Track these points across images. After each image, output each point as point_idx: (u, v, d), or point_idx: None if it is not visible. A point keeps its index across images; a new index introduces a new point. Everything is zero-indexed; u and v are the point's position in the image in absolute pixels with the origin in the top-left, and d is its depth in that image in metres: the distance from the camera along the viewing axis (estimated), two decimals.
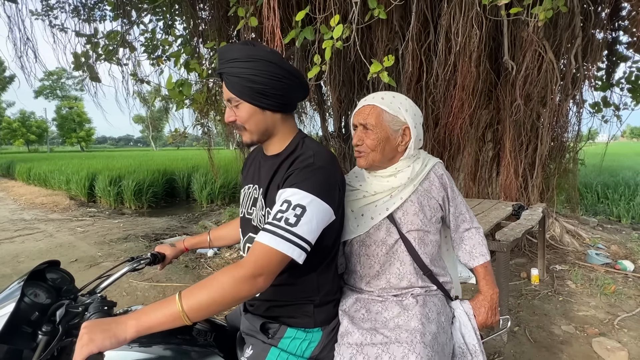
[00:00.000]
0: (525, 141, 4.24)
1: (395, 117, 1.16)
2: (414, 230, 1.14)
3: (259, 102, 0.95)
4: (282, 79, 0.94)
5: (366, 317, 1.08)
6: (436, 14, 3.86)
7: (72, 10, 4.92)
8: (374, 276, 1.16)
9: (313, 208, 0.86)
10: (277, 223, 0.84)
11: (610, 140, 4.74)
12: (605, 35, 4.38)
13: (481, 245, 1.25)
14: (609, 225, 5.65)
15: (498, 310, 1.24)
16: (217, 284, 0.79)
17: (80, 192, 9.55)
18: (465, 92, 3.75)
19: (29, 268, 1.04)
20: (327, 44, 2.51)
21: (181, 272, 3.84)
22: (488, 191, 4.52)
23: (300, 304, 1.02)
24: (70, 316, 0.93)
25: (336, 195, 0.94)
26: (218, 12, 4.87)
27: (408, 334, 0.99)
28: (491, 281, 1.24)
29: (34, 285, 0.96)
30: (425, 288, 1.16)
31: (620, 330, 2.64)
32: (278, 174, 0.98)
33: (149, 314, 0.78)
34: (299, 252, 0.83)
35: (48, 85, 46.58)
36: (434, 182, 1.20)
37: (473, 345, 1.14)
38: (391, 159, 1.19)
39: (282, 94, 0.96)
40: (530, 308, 2.99)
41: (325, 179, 0.91)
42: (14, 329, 0.88)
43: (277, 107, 0.98)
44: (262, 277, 0.81)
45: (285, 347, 0.99)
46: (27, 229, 6.00)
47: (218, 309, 0.79)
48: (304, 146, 0.99)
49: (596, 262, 3.86)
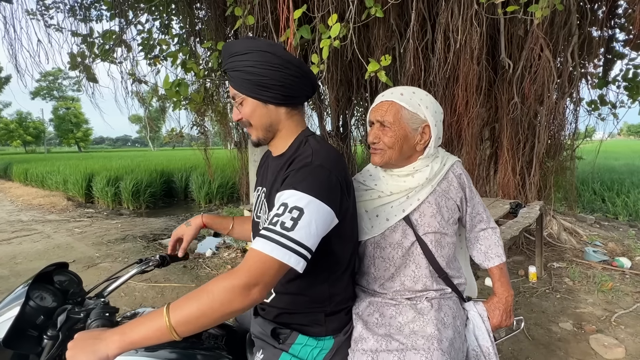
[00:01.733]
0: (523, 139, 4.24)
1: (415, 114, 1.09)
2: (430, 232, 1.10)
3: (259, 94, 0.91)
4: (281, 69, 0.90)
5: (380, 321, 1.05)
6: (434, 12, 3.86)
7: (68, 10, 4.89)
8: (389, 279, 1.12)
9: (311, 210, 0.79)
10: (273, 227, 0.77)
11: (607, 138, 4.76)
12: (601, 33, 4.39)
13: (497, 246, 1.22)
14: (606, 222, 5.68)
15: (512, 313, 1.21)
16: (206, 296, 0.72)
17: (77, 192, 9.52)
18: (469, 90, 3.76)
19: (27, 270, 1.04)
20: (324, 42, 2.50)
21: (179, 273, 3.84)
22: (486, 189, 4.53)
23: (311, 313, 0.98)
24: (71, 322, 0.91)
25: (338, 197, 0.87)
26: (215, 11, 4.86)
27: (425, 341, 0.96)
28: (506, 283, 1.21)
29: (40, 288, 0.94)
30: (440, 291, 1.12)
31: (618, 327, 2.65)
32: (279, 175, 0.93)
33: (134, 329, 0.73)
34: (296, 259, 0.76)
35: (45, 86, 46.41)
36: (452, 183, 1.15)
37: (487, 348, 1.12)
38: (408, 157, 1.13)
39: (283, 85, 0.91)
40: (528, 306, 3.00)
41: (325, 179, 0.84)
42: (19, 333, 0.86)
43: (279, 100, 0.93)
44: (256, 288, 0.74)
45: (297, 353, 0.96)
46: (24, 230, 5.97)
47: (208, 322, 0.73)
48: (306, 145, 0.94)
49: (593, 260, 3.87)
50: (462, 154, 4.47)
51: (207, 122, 5.26)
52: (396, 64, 4.18)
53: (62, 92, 48.79)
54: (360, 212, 1.14)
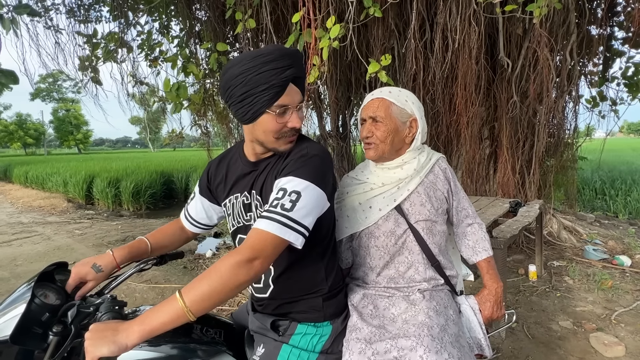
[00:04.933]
0: (522, 138, 4.25)
1: (403, 109, 1.20)
2: (422, 220, 1.18)
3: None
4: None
5: (374, 313, 1.10)
6: (432, 11, 3.87)
7: (67, 12, 4.90)
8: (384, 267, 1.18)
9: (308, 193, 0.87)
10: (274, 209, 0.85)
11: (608, 135, 4.76)
12: (600, 31, 4.40)
13: (484, 241, 1.27)
14: (606, 220, 5.68)
15: (503, 305, 1.25)
16: (215, 273, 0.78)
17: (78, 194, 9.53)
18: (468, 89, 3.76)
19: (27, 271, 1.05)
20: (324, 43, 2.51)
21: (180, 273, 3.84)
22: (485, 188, 4.54)
23: (310, 298, 1.03)
24: (81, 316, 0.94)
25: (330, 181, 0.96)
26: (214, 12, 4.86)
27: (415, 328, 1.00)
28: (495, 275, 1.26)
29: (43, 286, 0.97)
30: (432, 282, 1.17)
31: (618, 325, 2.65)
32: (272, 173, 0.99)
33: (152, 317, 0.77)
34: (295, 235, 0.84)
35: (44, 88, 46.41)
36: (438, 175, 1.24)
37: (479, 340, 1.16)
38: (399, 150, 1.22)
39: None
40: (528, 304, 3.00)
41: (320, 165, 0.93)
42: (25, 330, 0.89)
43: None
44: (258, 261, 0.81)
45: (297, 343, 1.00)
46: (24, 232, 5.98)
47: (220, 298, 0.78)
48: (298, 140, 1.02)
49: (593, 258, 3.88)
50: (462, 153, 4.47)
51: (208, 123, 5.26)
52: (395, 64, 4.18)
53: (62, 93, 48.81)
54: (354, 205, 1.22)
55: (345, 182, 1.33)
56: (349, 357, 0.98)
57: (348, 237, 1.26)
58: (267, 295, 1.03)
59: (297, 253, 0.93)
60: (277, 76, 0.90)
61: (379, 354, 0.96)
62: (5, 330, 0.91)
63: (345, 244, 1.29)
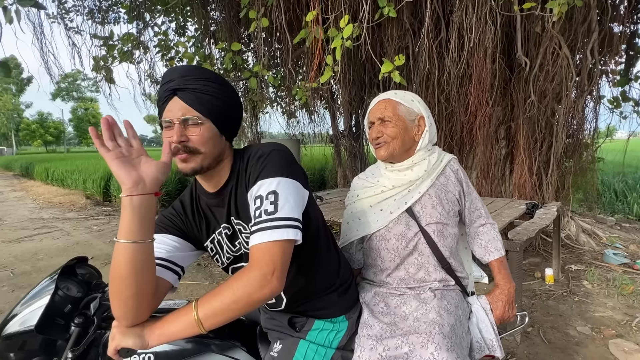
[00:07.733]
0: (540, 138, 4.15)
1: (410, 108, 1.21)
2: (433, 223, 1.17)
3: (222, 124, 0.92)
4: (239, 107, 0.97)
5: (385, 310, 1.11)
6: (448, 10, 3.82)
7: (87, 14, 5.03)
8: (395, 268, 1.19)
9: (283, 188, 0.85)
10: (260, 219, 0.82)
11: (630, 136, 4.61)
12: (623, 29, 4.26)
13: (496, 241, 1.27)
14: (627, 224, 5.50)
15: (515, 305, 1.24)
16: (229, 291, 0.78)
17: (96, 191, 9.75)
18: (482, 89, 3.70)
19: (48, 266, 1.09)
20: (336, 43, 2.51)
21: (194, 270, 3.90)
22: (501, 189, 4.46)
23: (324, 295, 1.03)
24: (104, 308, 0.98)
25: (299, 170, 0.92)
26: (229, 12, 4.92)
27: (427, 326, 1.00)
28: (507, 275, 1.25)
29: (66, 279, 1.01)
30: (443, 282, 1.17)
31: (639, 331, 2.57)
32: (239, 189, 0.94)
33: (171, 324, 0.81)
34: (293, 231, 0.82)
35: (64, 87, 47.71)
36: (450, 177, 1.23)
37: (490, 340, 1.15)
38: (408, 149, 1.22)
39: (239, 121, 0.99)
40: (545, 308, 2.94)
41: (281, 158, 0.90)
42: (48, 320, 0.93)
43: (232, 135, 0.98)
44: (273, 276, 0.78)
45: (314, 338, 1.01)
46: (45, 228, 6.17)
47: (232, 315, 0.79)
48: (247, 150, 0.97)
49: (613, 262, 3.77)
50: (477, 153, 4.40)
51: None
52: (409, 63, 4.15)
53: (81, 93, 50.11)
54: (364, 207, 1.22)
55: (356, 185, 1.33)
56: (360, 353, 0.99)
57: (359, 239, 1.27)
58: (283, 307, 1.04)
59: (299, 258, 0.93)
60: (161, 92, 0.91)
61: (390, 349, 0.97)
62: (31, 321, 0.97)
63: (356, 245, 1.30)
